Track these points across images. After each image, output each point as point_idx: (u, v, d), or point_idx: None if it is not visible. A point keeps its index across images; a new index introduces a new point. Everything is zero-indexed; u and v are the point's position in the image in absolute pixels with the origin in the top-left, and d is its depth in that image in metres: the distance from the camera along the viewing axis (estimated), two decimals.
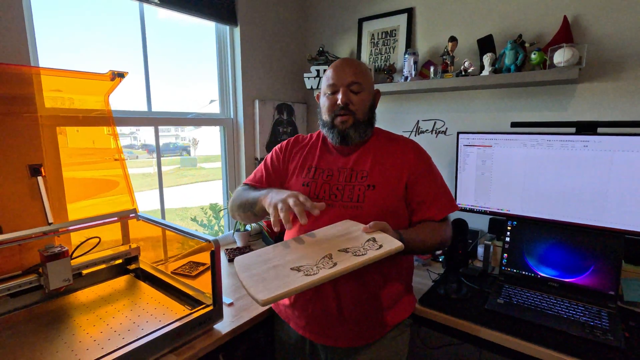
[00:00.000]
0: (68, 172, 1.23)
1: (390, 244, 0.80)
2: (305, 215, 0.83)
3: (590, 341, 1.01)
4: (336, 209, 1.04)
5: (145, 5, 1.52)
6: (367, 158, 1.08)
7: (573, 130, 1.33)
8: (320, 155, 1.14)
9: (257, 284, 0.74)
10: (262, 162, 1.23)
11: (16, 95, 1.08)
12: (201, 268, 1.18)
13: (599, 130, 1.29)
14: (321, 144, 1.16)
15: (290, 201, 0.85)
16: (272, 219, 0.87)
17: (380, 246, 0.79)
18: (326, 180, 1.08)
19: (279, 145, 1.22)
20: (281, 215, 0.84)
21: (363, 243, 0.82)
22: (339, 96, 1.04)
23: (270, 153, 1.23)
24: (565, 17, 1.37)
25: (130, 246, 1.32)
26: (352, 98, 1.04)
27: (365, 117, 1.07)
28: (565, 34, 1.37)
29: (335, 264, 0.75)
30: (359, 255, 0.76)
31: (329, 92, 1.07)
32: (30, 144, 1.12)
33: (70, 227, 1.16)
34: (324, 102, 1.09)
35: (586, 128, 1.28)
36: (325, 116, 1.09)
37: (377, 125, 1.16)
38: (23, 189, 1.10)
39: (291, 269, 0.77)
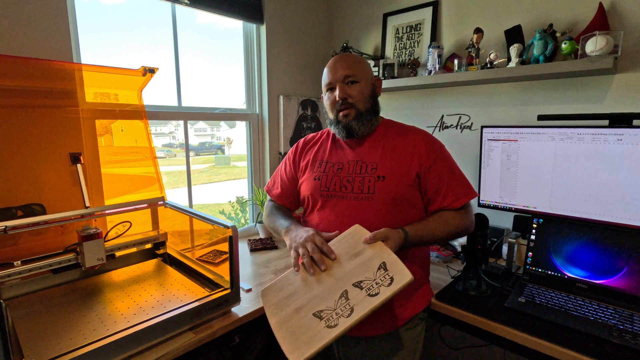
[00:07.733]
0: (109, 168, 1.34)
1: (401, 275, 0.85)
2: (322, 262, 0.93)
3: (619, 345, 0.95)
4: (347, 200, 1.05)
5: (186, 10, 1.61)
6: (376, 150, 1.09)
7: (606, 122, 1.25)
8: (330, 150, 1.17)
9: (287, 338, 0.84)
10: (278, 170, 1.30)
11: (60, 89, 1.19)
12: (224, 256, 1.23)
13: (635, 122, 1.20)
14: (331, 140, 1.19)
15: (309, 247, 0.95)
16: (292, 261, 0.97)
17: (392, 279, 0.85)
18: (336, 173, 1.10)
19: (290, 149, 1.28)
20: (304, 260, 0.94)
21: (375, 273, 0.88)
22: (336, 92, 1.07)
23: (284, 160, 1.28)
24: (600, 4, 1.29)
25: (158, 232, 1.41)
26: (348, 91, 1.07)
27: (367, 106, 1.09)
28: (601, 22, 1.29)
29: (352, 310, 0.82)
30: (372, 295, 0.84)
31: (327, 91, 1.12)
32: (72, 134, 1.23)
33: (105, 211, 1.26)
34: (325, 101, 1.13)
35: (620, 120, 1.20)
36: (330, 114, 1.13)
37: (399, 120, 1.18)
38: (65, 176, 1.21)
39: (313, 314, 0.86)
